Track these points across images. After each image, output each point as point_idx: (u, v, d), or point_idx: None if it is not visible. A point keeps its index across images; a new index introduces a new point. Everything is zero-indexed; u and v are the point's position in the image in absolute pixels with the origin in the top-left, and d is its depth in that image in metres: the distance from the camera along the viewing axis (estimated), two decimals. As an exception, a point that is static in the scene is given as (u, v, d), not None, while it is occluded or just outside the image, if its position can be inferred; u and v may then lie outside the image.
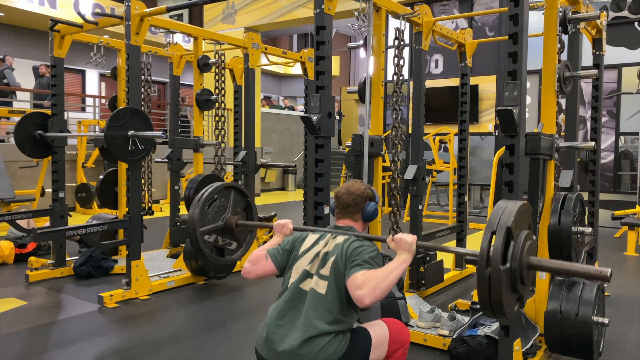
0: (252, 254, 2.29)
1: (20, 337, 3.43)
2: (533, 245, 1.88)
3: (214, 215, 2.99)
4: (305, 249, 2.19)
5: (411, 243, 2.02)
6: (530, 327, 2.97)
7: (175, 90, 5.78)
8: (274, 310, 2.11)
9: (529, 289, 1.92)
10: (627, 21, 8.13)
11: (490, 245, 1.75)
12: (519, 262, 1.78)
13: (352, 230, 2.24)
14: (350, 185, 2.32)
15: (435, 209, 9.39)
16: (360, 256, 2.03)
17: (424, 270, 4.02)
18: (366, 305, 1.91)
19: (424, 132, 4.22)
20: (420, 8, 3.95)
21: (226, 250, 3.07)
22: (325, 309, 2.02)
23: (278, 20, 11.84)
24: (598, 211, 4.03)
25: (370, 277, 1.92)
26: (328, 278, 2.05)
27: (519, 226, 1.83)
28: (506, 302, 1.77)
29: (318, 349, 1.97)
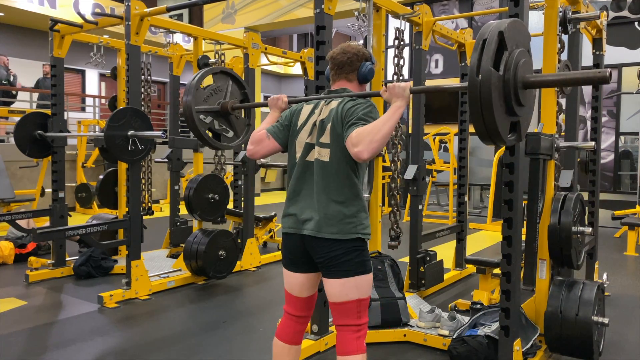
0: (252, 135, 2.27)
1: (20, 337, 3.43)
2: (529, 64, 1.76)
3: (210, 98, 2.89)
4: (302, 122, 2.18)
5: (404, 88, 1.99)
6: (530, 327, 2.97)
7: (175, 90, 5.78)
8: (290, 189, 2.18)
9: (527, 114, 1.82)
10: (627, 21, 8.13)
11: (482, 51, 1.63)
12: (514, 75, 1.66)
13: (345, 91, 2.19)
14: (346, 45, 2.25)
15: (435, 209, 9.39)
16: (355, 115, 2.01)
17: (424, 270, 4.02)
18: (365, 160, 1.92)
19: (424, 132, 4.22)
20: (420, 8, 3.95)
21: (222, 137, 2.97)
22: (334, 174, 2.05)
23: (278, 20, 11.84)
24: (598, 211, 4.03)
25: (364, 131, 1.91)
26: (329, 145, 2.07)
27: (513, 40, 1.71)
28: (500, 119, 1.64)
29: (335, 221, 2.03)
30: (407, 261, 4.14)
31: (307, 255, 2.14)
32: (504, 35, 1.65)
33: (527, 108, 1.79)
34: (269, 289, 4.64)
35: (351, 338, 2.09)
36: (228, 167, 7.38)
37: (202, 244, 4.55)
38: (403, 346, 3.27)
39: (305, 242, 2.11)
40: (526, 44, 1.81)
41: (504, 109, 1.67)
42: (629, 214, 6.81)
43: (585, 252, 3.49)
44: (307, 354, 3.03)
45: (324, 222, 2.04)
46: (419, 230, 4.08)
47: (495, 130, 1.64)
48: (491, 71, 1.61)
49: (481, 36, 1.67)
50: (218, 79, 2.98)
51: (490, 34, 1.64)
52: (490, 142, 1.74)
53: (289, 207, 2.17)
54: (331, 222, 2.04)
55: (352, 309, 2.09)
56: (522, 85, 1.69)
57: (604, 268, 4.45)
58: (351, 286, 2.06)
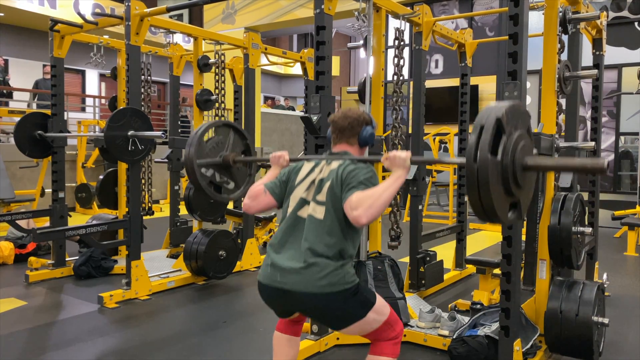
0: (250, 189, 2.29)
1: (20, 337, 3.43)
2: (529, 146, 1.77)
3: (212, 150, 2.91)
4: (301, 178, 2.19)
5: (405, 158, 2.00)
6: (530, 327, 2.97)
7: (175, 90, 5.78)
8: (275, 239, 2.14)
9: (527, 195, 1.82)
10: (627, 21, 8.13)
11: (479, 138, 1.64)
12: (512, 159, 1.67)
13: (347, 154, 2.21)
14: (347, 110, 2.28)
15: (435, 209, 9.39)
16: (356, 178, 2.02)
17: (424, 271, 4.02)
18: (363, 224, 1.92)
19: (424, 132, 4.22)
20: (420, 8, 3.95)
21: (223, 189, 3.00)
22: (325, 233, 2.02)
23: (278, 20, 11.83)
24: (598, 211, 4.03)
25: (365, 197, 1.92)
26: (325, 203, 2.06)
27: (512, 123, 1.72)
28: (498, 202, 1.65)
29: (323, 274, 1.97)
30: (407, 261, 4.14)
31: (286, 306, 2.12)
32: (501, 122, 1.67)
33: (526, 189, 1.81)
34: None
35: (388, 344, 2.14)
36: (228, 167, 7.37)
37: (202, 244, 4.55)
38: (403, 346, 3.24)
39: (286, 297, 2.04)
40: (526, 124, 1.83)
41: (503, 191, 1.70)
42: (629, 214, 6.81)
43: (585, 252, 3.49)
44: (307, 354, 3.03)
45: (309, 277, 1.98)
46: (419, 231, 4.08)
47: (493, 212, 1.67)
48: (489, 158, 1.63)
49: (479, 122, 1.68)
50: (220, 132, 3.03)
51: (487, 121, 1.67)
52: (489, 221, 1.77)
53: (270, 256, 2.11)
54: (317, 277, 1.98)
55: (381, 331, 2.11)
56: (521, 168, 1.72)
57: (604, 268, 4.45)
58: (367, 323, 2.07)
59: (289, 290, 2.00)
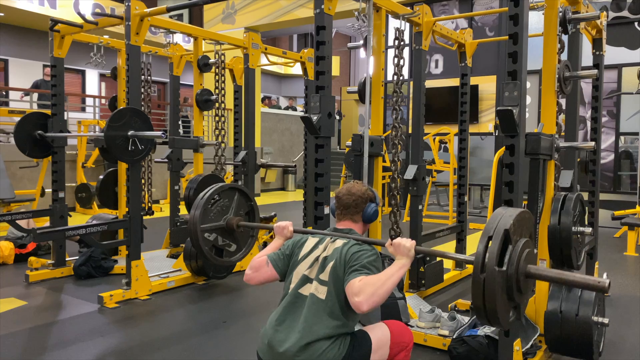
0: (253, 260, 2.30)
1: (20, 337, 3.43)
2: (532, 254, 1.84)
3: (216, 214, 2.99)
4: (304, 254, 2.19)
5: (410, 248, 2.01)
6: (530, 327, 2.97)
7: (175, 90, 5.78)
8: (274, 315, 2.13)
9: (526, 298, 1.89)
10: (627, 21, 8.13)
11: (486, 249, 1.71)
12: (516, 268, 1.73)
13: (352, 232, 2.24)
14: (352, 187, 2.32)
15: (435, 209, 9.39)
16: (359, 261, 2.02)
17: (424, 271, 4.02)
18: (364, 312, 1.90)
19: (424, 132, 4.22)
20: (420, 8, 3.95)
21: (225, 252, 3.07)
22: (326, 314, 2.02)
23: (278, 20, 11.83)
24: (598, 211, 4.03)
25: (368, 283, 1.91)
26: (327, 283, 2.05)
27: (518, 232, 1.80)
28: (501, 309, 1.73)
29: (318, 354, 1.97)
30: (407, 261, 4.13)
31: None
32: (509, 233, 1.73)
33: (526, 294, 1.86)
34: (269, 289, 4.63)
35: (400, 357, 2.17)
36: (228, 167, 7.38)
37: (202, 244, 4.54)
38: (403, 346, 3.27)
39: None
40: (530, 229, 1.90)
41: (506, 298, 1.76)
42: (629, 214, 6.81)
43: (585, 252, 3.49)
44: None
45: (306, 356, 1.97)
46: (419, 231, 4.08)
47: (496, 317, 1.74)
48: (495, 271, 1.69)
49: (487, 232, 1.74)
50: (225, 195, 3.06)
51: (495, 232, 1.72)
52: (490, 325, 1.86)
53: (269, 335, 2.09)
54: (312, 354, 1.98)
55: (393, 354, 2.13)
56: (524, 276, 1.78)
57: (604, 268, 4.45)
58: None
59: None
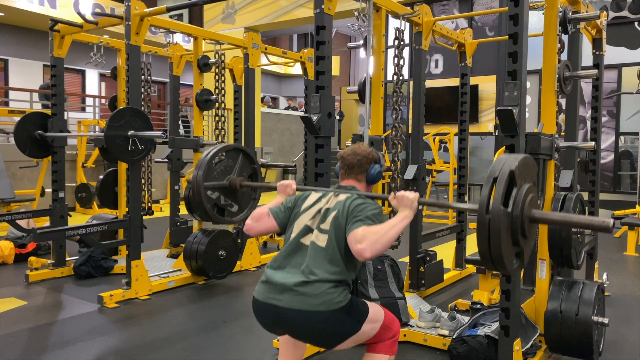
0: (254, 211, 2.31)
1: (20, 337, 3.43)
2: (536, 200, 1.82)
3: (220, 173, 2.96)
4: (307, 206, 2.21)
5: (413, 200, 2.02)
6: (530, 327, 2.97)
7: (175, 90, 5.78)
8: (273, 262, 2.14)
9: (530, 245, 1.87)
10: (627, 21, 8.13)
11: (492, 190, 1.70)
12: (521, 211, 1.72)
13: (355, 190, 2.24)
14: (357, 147, 2.31)
15: (435, 209, 9.38)
16: (363, 212, 2.04)
17: (424, 270, 4.02)
18: (366, 258, 1.92)
19: (424, 132, 4.22)
20: (420, 8, 3.95)
21: (227, 211, 3.03)
22: (326, 261, 2.04)
23: (278, 20, 11.84)
24: (598, 211, 4.03)
25: (371, 232, 1.93)
26: (328, 232, 2.07)
27: (523, 177, 1.77)
28: (506, 252, 1.70)
29: (318, 292, 1.98)
30: (407, 261, 4.14)
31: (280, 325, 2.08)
32: (514, 175, 1.71)
33: (530, 240, 1.85)
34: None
35: (387, 344, 2.15)
36: (228, 167, 7.37)
37: (202, 244, 4.55)
38: (403, 346, 3.26)
39: (280, 315, 2.03)
40: (533, 177, 1.89)
41: (510, 242, 1.75)
42: (629, 214, 6.81)
43: (585, 252, 3.49)
44: (307, 354, 3.03)
45: (304, 295, 1.99)
46: (419, 230, 4.08)
47: (501, 261, 1.72)
48: (501, 210, 1.67)
49: (492, 173, 1.73)
50: (230, 155, 3.05)
51: (501, 173, 1.71)
52: (494, 270, 1.83)
53: (267, 274, 2.11)
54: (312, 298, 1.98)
55: (379, 335, 2.13)
56: (529, 220, 1.76)
57: (604, 268, 4.45)
58: (364, 335, 2.08)
59: (283, 307, 1.99)
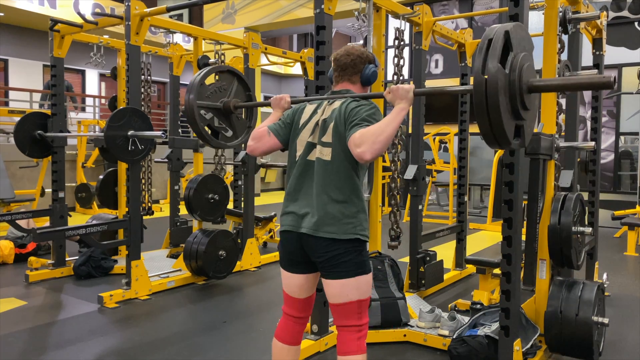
0: (253, 132, 2.28)
1: (20, 337, 3.43)
2: (533, 68, 1.74)
3: (213, 95, 2.88)
4: (304, 121, 2.19)
5: (408, 90, 1.98)
6: (530, 327, 2.97)
7: (175, 90, 5.78)
8: (289, 188, 2.16)
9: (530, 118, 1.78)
10: (627, 21, 8.13)
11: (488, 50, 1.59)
12: (519, 76, 1.63)
13: (349, 93, 2.20)
14: (350, 47, 2.25)
15: (435, 209, 9.39)
16: (358, 115, 2.02)
17: (424, 271, 4.02)
18: (368, 160, 1.91)
19: (424, 132, 4.22)
20: (420, 8, 3.95)
21: (221, 135, 2.96)
22: (334, 174, 2.05)
23: (278, 20, 11.84)
24: (598, 211, 4.03)
25: (368, 132, 1.91)
26: (331, 144, 2.07)
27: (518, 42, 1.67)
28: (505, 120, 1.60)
29: (334, 221, 2.02)
30: (407, 261, 4.14)
31: (305, 254, 2.12)
32: (509, 35, 1.62)
33: (531, 112, 1.76)
34: (269, 289, 4.64)
35: (352, 338, 2.10)
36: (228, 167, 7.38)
37: (202, 244, 4.55)
38: (403, 346, 3.27)
39: (302, 241, 2.09)
40: (530, 48, 1.80)
41: (510, 111, 1.64)
42: (629, 214, 6.81)
43: (585, 252, 3.49)
44: (307, 354, 3.03)
45: (322, 221, 2.03)
46: (419, 230, 4.08)
47: (502, 132, 1.61)
48: (499, 68, 1.57)
49: (486, 36, 1.65)
50: (224, 77, 2.97)
51: (496, 34, 1.63)
52: (496, 145, 1.71)
53: (288, 205, 2.16)
54: (330, 222, 2.03)
55: (352, 309, 2.09)
56: (527, 89, 1.67)
57: (604, 268, 4.45)
58: (351, 287, 2.06)
59: (305, 234, 2.05)
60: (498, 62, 1.58)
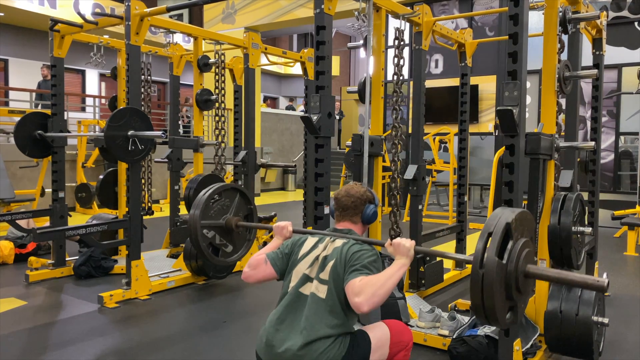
0: (251, 257, 2.29)
1: (20, 337, 3.43)
2: (532, 255, 1.82)
3: (217, 212, 3.00)
4: (304, 253, 2.18)
5: (409, 248, 2.02)
6: (530, 327, 2.97)
7: (175, 90, 5.78)
8: (274, 315, 2.12)
9: (525, 300, 1.87)
10: (627, 21, 8.13)
11: (486, 244, 1.69)
12: (516, 265, 1.72)
13: (352, 233, 2.24)
14: (350, 188, 2.31)
15: (435, 209, 9.39)
16: (359, 261, 2.02)
17: (424, 270, 4.02)
18: (364, 312, 1.90)
19: (424, 132, 4.22)
20: (420, 8, 3.95)
21: (221, 251, 3.07)
22: (327, 313, 2.02)
23: (278, 20, 11.84)
24: (598, 211, 4.03)
25: (368, 284, 1.91)
26: (328, 282, 2.05)
27: (519, 230, 1.78)
28: (499, 307, 1.70)
29: (319, 353, 1.97)
30: (407, 261, 4.13)
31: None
32: (510, 227, 1.71)
33: (525, 295, 1.84)
34: (269, 289, 4.64)
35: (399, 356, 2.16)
36: (228, 167, 7.38)
37: (202, 244, 4.54)
38: (403, 346, 3.27)
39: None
40: (531, 232, 1.87)
41: (504, 296, 1.73)
42: (629, 214, 6.81)
43: (585, 252, 3.49)
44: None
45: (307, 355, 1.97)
46: (419, 230, 4.08)
47: (494, 316, 1.71)
48: (495, 262, 1.66)
49: (487, 228, 1.72)
50: (226, 195, 3.08)
51: (497, 226, 1.71)
52: (487, 323, 1.82)
53: (268, 334, 2.08)
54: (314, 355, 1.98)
55: (392, 354, 2.12)
56: (523, 275, 1.75)
57: (604, 268, 4.45)
58: None
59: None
60: (496, 254, 1.67)
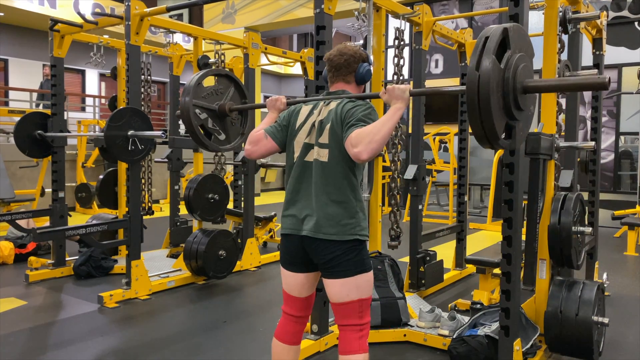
0: (250, 135, 2.28)
1: (20, 337, 3.43)
2: (529, 69, 1.72)
3: (210, 97, 2.87)
4: (301, 122, 2.19)
5: (404, 90, 1.99)
6: (530, 327, 2.97)
7: (175, 90, 5.79)
8: (289, 189, 2.18)
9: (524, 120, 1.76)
10: (627, 21, 8.13)
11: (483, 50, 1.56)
12: (514, 74, 1.60)
13: (345, 93, 2.20)
14: (343, 47, 2.24)
15: (435, 209, 9.39)
16: (354, 116, 2.02)
17: (424, 270, 4.02)
18: (364, 160, 1.93)
19: (424, 132, 4.22)
20: (420, 8, 3.95)
21: (214, 137, 2.94)
22: (332, 175, 2.06)
23: (278, 20, 11.84)
24: (598, 211, 4.03)
25: (364, 132, 1.92)
26: (328, 145, 2.07)
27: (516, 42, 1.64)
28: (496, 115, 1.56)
29: (333, 222, 2.04)
30: (407, 261, 4.14)
31: (306, 255, 2.14)
32: (508, 33, 1.60)
33: (526, 113, 1.74)
34: (269, 289, 4.64)
35: (353, 338, 2.10)
36: (228, 167, 7.38)
37: (202, 244, 4.55)
38: (403, 346, 3.27)
39: (304, 243, 2.11)
40: (528, 51, 1.78)
41: (502, 109, 1.63)
42: (629, 214, 6.81)
43: (585, 252, 3.49)
44: (307, 354, 3.03)
45: (322, 223, 2.05)
46: (419, 230, 4.08)
47: (493, 129, 1.57)
48: (493, 63, 1.54)
49: (484, 34, 1.64)
50: (221, 81, 2.97)
51: (494, 31, 1.61)
52: (487, 143, 1.67)
53: (288, 207, 2.17)
54: (330, 223, 2.04)
55: (353, 309, 2.09)
56: (522, 89, 1.65)
57: (604, 268, 4.45)
58: (352, 286, 2.07)
59: (307, 236, 2.07)
60: (493, 53, 1.56)
